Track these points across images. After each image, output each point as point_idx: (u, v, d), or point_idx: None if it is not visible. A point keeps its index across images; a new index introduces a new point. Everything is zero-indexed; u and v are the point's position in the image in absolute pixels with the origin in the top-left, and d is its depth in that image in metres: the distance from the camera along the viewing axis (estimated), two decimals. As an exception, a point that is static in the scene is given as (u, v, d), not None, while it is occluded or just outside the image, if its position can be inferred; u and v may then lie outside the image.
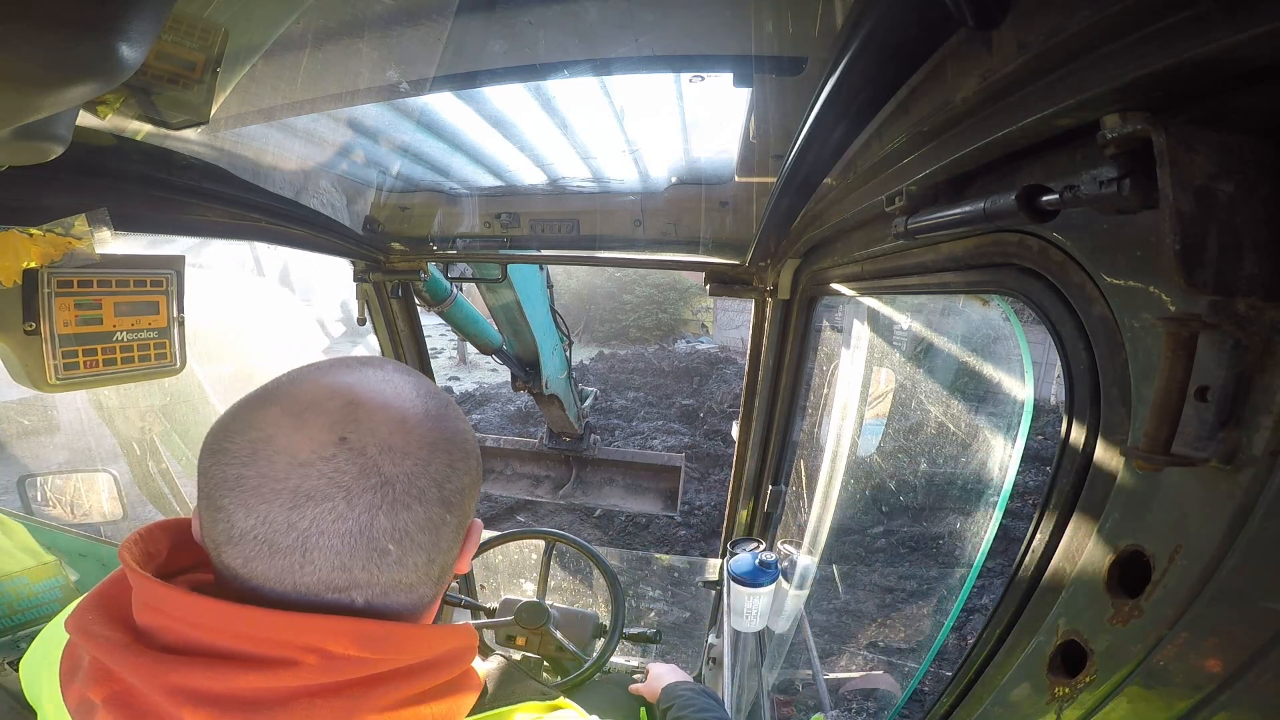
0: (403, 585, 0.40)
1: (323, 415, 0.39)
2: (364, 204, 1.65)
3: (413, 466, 0.40)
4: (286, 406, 0.40)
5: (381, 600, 0.40)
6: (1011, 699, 0.50)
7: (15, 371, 0.85)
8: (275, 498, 0.37)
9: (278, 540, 0.37)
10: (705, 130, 1.21)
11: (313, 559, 0.37)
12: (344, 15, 0.74)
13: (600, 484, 3.76)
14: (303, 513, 0.37)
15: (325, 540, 0.37)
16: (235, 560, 0.38)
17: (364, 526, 0.38)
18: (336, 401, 0.40)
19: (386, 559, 0.39)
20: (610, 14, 0.72)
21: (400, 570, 0.40)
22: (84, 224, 0.83)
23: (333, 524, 0.37)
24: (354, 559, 0.38)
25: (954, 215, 0.54)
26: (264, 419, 0.39)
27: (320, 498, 0.37)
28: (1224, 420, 0.31)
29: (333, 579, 0.38)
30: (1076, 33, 0.34)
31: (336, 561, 0.38)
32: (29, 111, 0.45)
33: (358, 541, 0.38)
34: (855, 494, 1.60)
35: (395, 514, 0.39)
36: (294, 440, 0.38)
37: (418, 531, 0.40)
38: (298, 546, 0.37)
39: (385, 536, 0.39)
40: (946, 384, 3.49)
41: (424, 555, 0.41)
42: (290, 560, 0.37)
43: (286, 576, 0.38)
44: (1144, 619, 0.36)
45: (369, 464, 0.38)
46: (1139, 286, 0.37)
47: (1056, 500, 0.48)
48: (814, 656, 1.62)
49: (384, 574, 0.39)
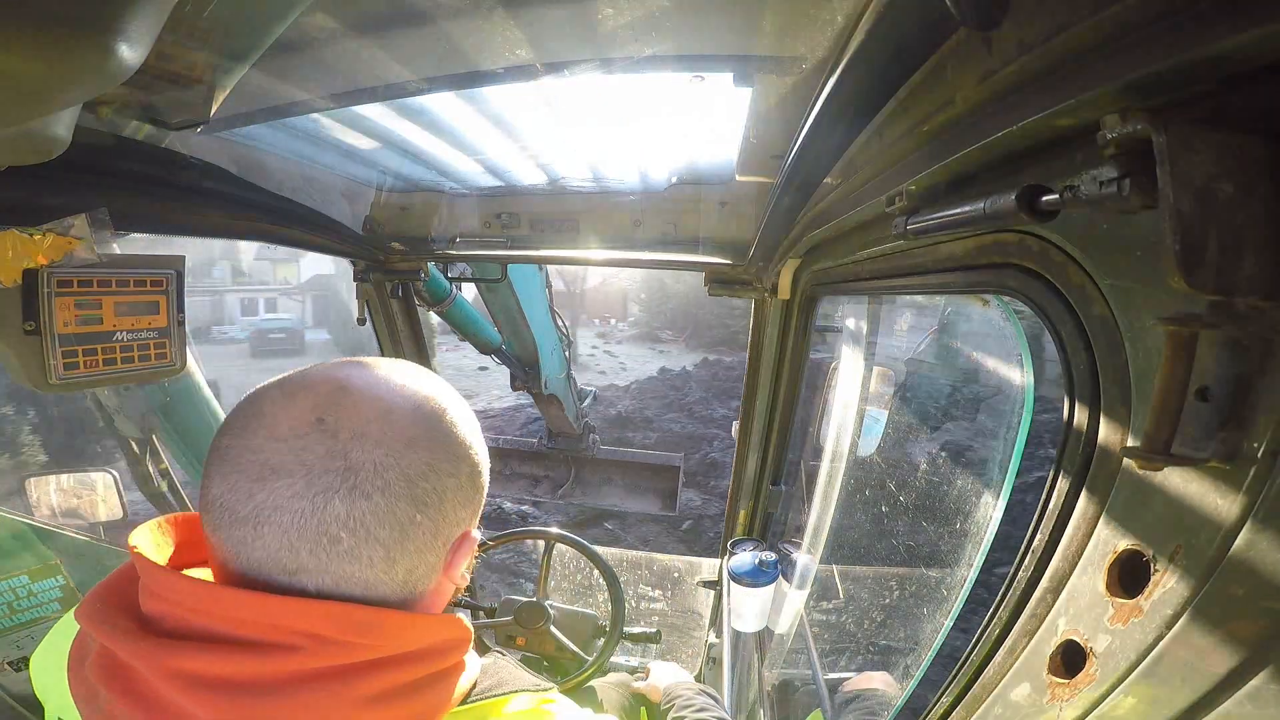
0: (357, 580, 0.40)
1: (310, 396, 0.40)
2: (364, 204, 1.65)
3: (383, 457, 0.39)
4: (285, 387, 0.41)
5: (333, 590, 0.39)
6: (1011, 699, 0.50)
7: (15, 371, 0.85)
8: (246, 468, 0.38)
9: (237, 509, 0.38)
10: (705, 130, 1.21)
11: (263, 533, 0.38)
12: (344, 15, 0.73)
13: (599, 484, 3.77)
14: (263, 484, 0.38)
15: (277, 516, 0.37)
16: (208, 527, 0.40)
17: (317, 508, 0.38)
18: (328, 386, 0.41)
19: (337, 546, 0.38)
20: (610, 14, 0.72)
21: (353, 563, 0.39)
22: (84, 224, 0.83)
23: (288, 500, 0.37)
24: (301, 539, 0.38)
25: (954, 215, 0.54)
26: (263, 396, 0.41)
27: (282, 473, 0.38)
28: (1224, 420, 0.31)
29: (281, 558, 0.38)
30: (1076, 33, 0.34)
31: (284, 539, 0.38)
32: (29, 111, 0.45)
33: (307, 522, 0.38)
34: (855, 493, 1.59)
35: (352, 501, 0.38)
36: (277, 416, 0.39)
37: (375, 524, 0.39)
38: (251, 518, 0.38)
39: (337, 523, 0.38)
40: (946, 384, 3.50)
41: (381, 550, 0.39)
42: (244, 532, 0.38)
43: (242, 549, 0.38)
44: (1144, 619, 0.36)
45: (337, 447, 0.38)
46: (1139, 286, 0.37)
47: (1056, 500, 0.48)
48: (814, 656, 1.62)
49: (333, 563, 0.39)
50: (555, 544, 1.91)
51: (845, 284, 1.13)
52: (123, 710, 0.37)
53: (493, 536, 2.02)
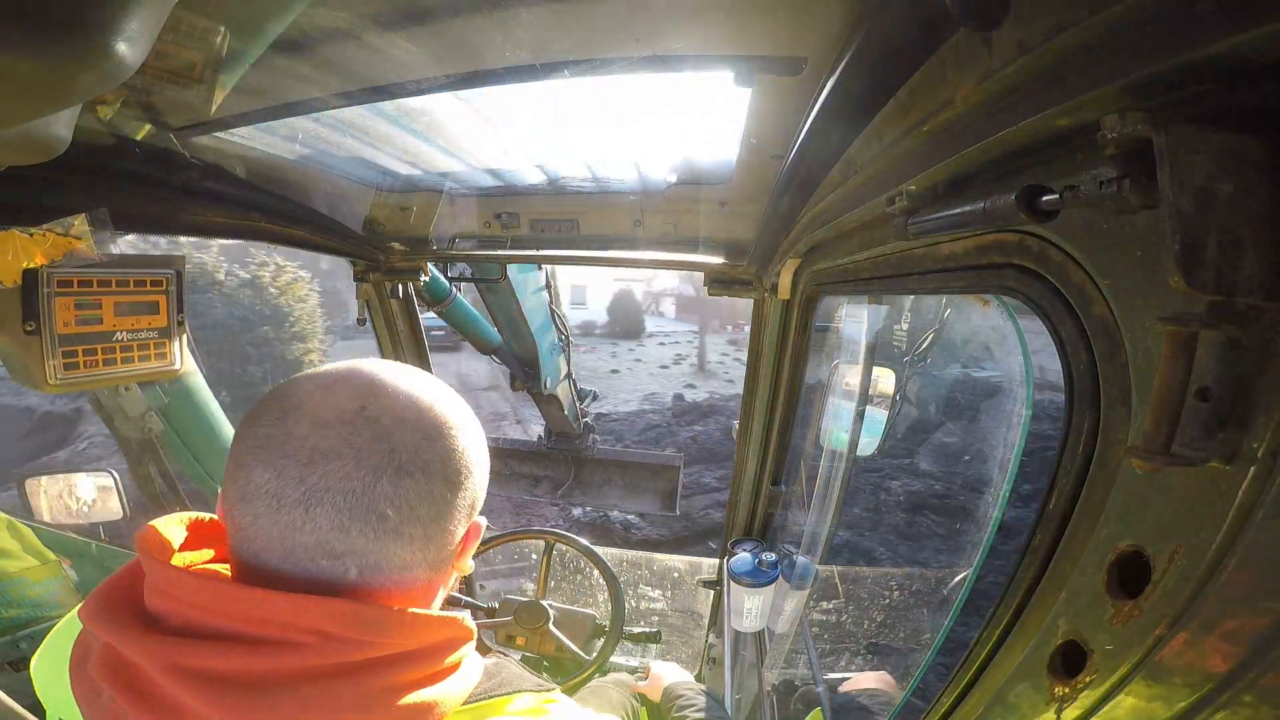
0: (397, 561, 0.42)
1: (348, 387, 0.43)
2: (364, 204, 1.65)
3: (420, 440, 0.42)
4: (317, 380, 0.44)
5: (374, 575, 0.41)
6: (1011, 699, 0.50)
7: (15, 371, 0.85)
8: (295, 453, 0.40)
9: (286, 494, 0.39)
10: (705, 130, 1.21)
11: (314, 515, 0.39)
12: (344, 15, 0.74)
13: (599, 484, 3.77)
14: (314, 468, 0.39)
15: (329, 497, 0.39)
16: (245, 518, 0.40)
17: (368, 486, 0.40)
18: (361, 379, 0.44)
19: (385, 524, 0.40)
20: (610, 14, 0.72)
21: (396, 542, 0.41)
22: (84, 224, 0.83)
23: (339, 481, 0.39)
24: (353, 519, 0.40)
25: (954, 215, 0.54)
26: (296, 389, 0.43)
27: (333, 455, 0.40)
28: (1224, 420, 0.31)
29: (330, 541, 0.39)
30: (1076, 33, 0.34)
31: (337, 520, 0.39)
32: (29, 111, 0.45)
33: (359, 501, 0.40)
34: (855, 493, 1.60)
35: (399, 480, 0.41)
36: (320, 405, 0.41)
37: (418, 502, 0.42)
38: (302, 501, 0.39)
39: (385, 501, 0.40)
40: (946, 384, 3.50)
41: (421, 529, 0.42)
42: (293, 516, 0.39)
43: (288, 535, 0.39)
44: (1144, 619, 0.36)
45: (382, 430, 0.41)
46: (1139, 286, 0.37)
47: (1056, 500, 0.48)
48: (814, 656, 1.62)
49: (379, 542, 0.41)
50: (555, 544, 1.91)
51: (845, 284, 1.12)
52: (126, 708, 0.37)
53: (493, 536, 2.02)
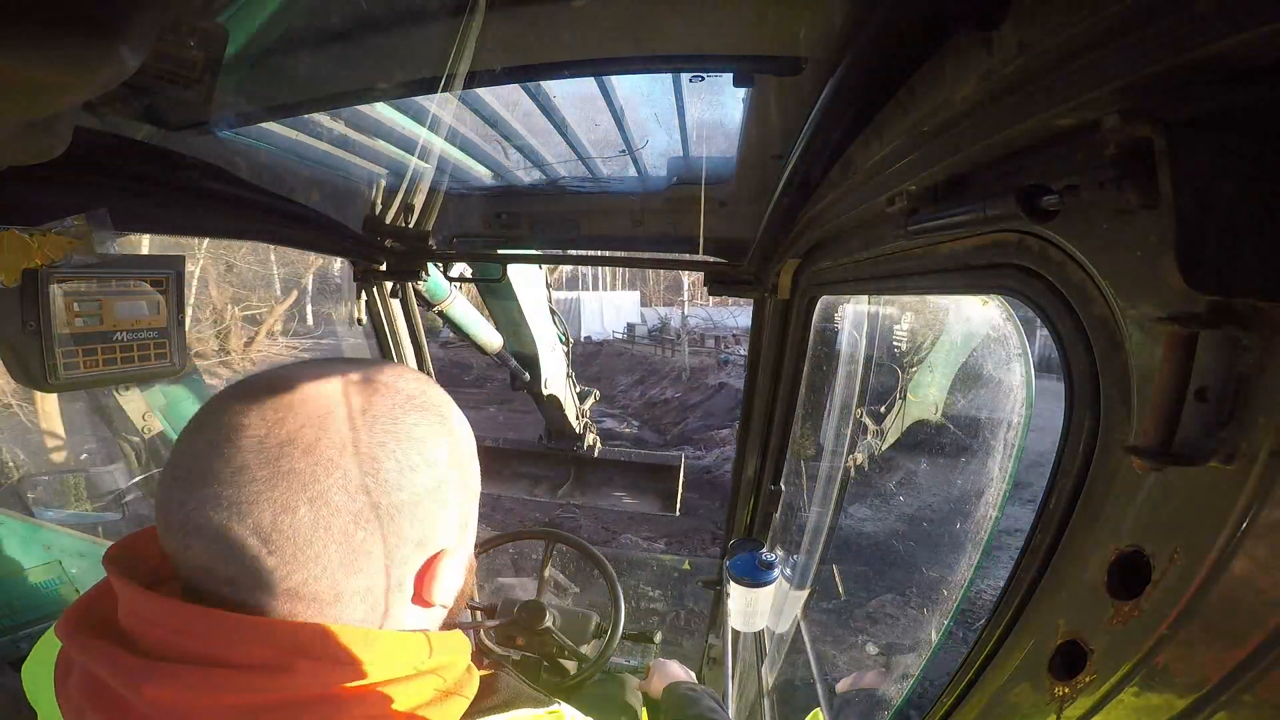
0: (298, 597, 0.37)
1: (246, 399, 0.38)
2: (364, 204, 1.65)
3: (312, 465, 0.36)
4: (235, 389, 0.40)
5: (276, 609, 0.37)
6: (1011, 699, 0.50)
7: (15, 371, 0.85)
8: (183, 475, 0.37)
9: (171, 518, 0.37)
10: (705, 130, 1.21)
11: (190, 543, 0.36)
12: (344, 15, 0.74)
13: (599, 484, 3.76)
14: (190, 492, 0.36)
15: (204, 525, 0.35)
16: (159, 535, 0.39)
17: (241, 516, 0.35)
18: (270, 388, 0.39)
19: (263, 561, 0.36)
20: (611, 14, 0.72)
21: (285, 579, 0.36)
22: (84, 224, 0.83)
23: (213, 508, 0.35)
24: (230, 550, 0.35)
25: (954, 215, 0.54)
26: (213, 403, 0.40)
27: (210, 479, 0.36)
28: (1224, 420, 0.31)
29: (214, 568, 0.36)
30: (1076, 33, 0.34)
31: (212, 550, 0.36)
32: (29, 111, 0.45)
33: (231, 533, 0.35)
34: (855, 493, 1.60)
35: (275, 513, 0.35)
36: (219, 422, 0.38)
37: (305, 540, 0.36)
38: (180, 527, 0.36)
39: (260, 535, 0.35)
40: (945, 384, 3.50)
41: (318, 568, 0.36)
42: (177, 541, 0.37)
43: (178, 558, 0.37)
44: (1144, 619, 0.36)
45: (266, 454, 0.36)
46: (1139, 286, 0.37)
47: (1056, 500, 0.48)
48: (814, 656, 1.62)
49: (263, 577, 0.36)
50: (555, 544, 1.91)
51: (845, 284, 1.12)
52: None
53: (492, 537, 2.02)
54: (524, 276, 2.47)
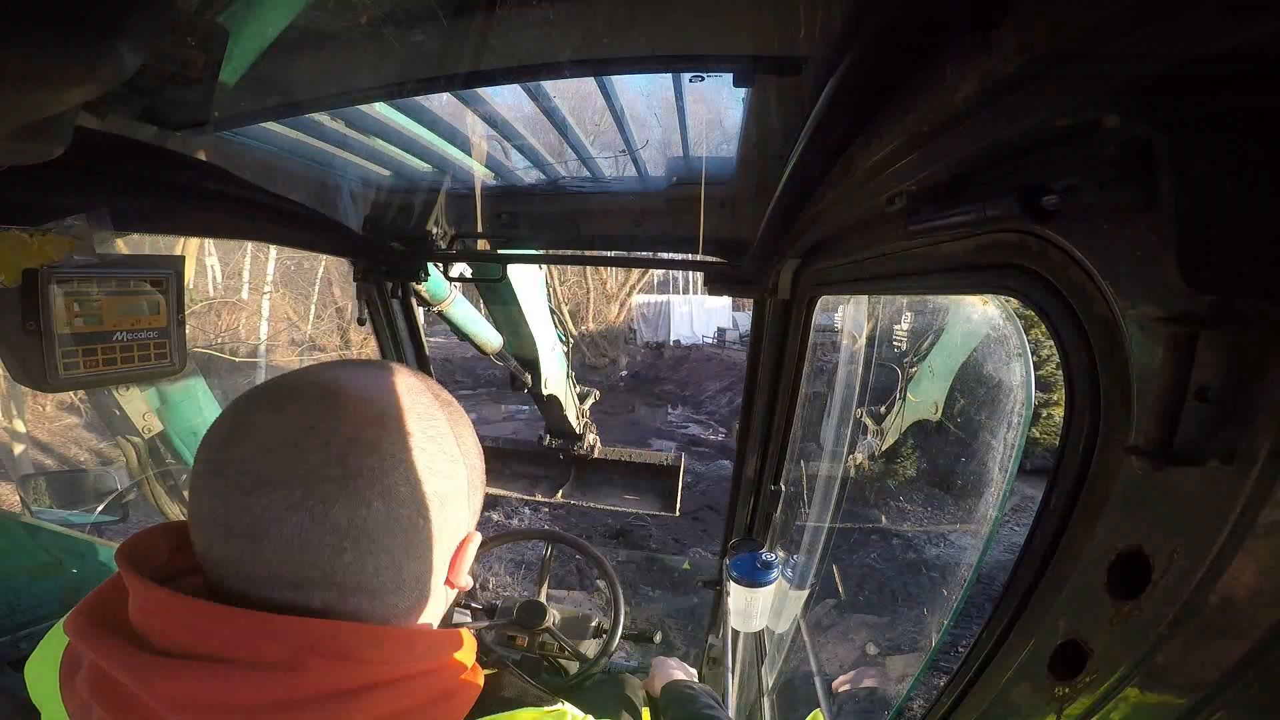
0: (363, 589, 0.38)
1: (298, 403, 0.39)
2: (364, 204, 1.65)
3: (379, 462, 0.38)
4: (270, 394, 0.40)
5: (339, 605, 0.38)
6: (1011, 699, 0.50)
7: (15, 371, 0.85)
8: (238, 480, 0.36)
9: (233, 524, 0.36)
10: (705, 130, 1.21)
11: (262, 547, 0.36)
12: (344, 15, 0.74)
13: (599, 484, 3.76)
14: (257, 497, 0.36)
15: (275, 529, 0.36)
16: (201, 544, 0.38)
17: (317, 518, 0.36)
18: (316, 392, 0.40)
19: (340, 558, 0.37)
20: (610, 14, 0.72)
21: (359, 572, 0.38)
22: (84, 224, 0.83)
23: (285, 512, 0.36)
24: (304, 552, 0.36)
25: (954, 215, 0.54)
26: (246, 404, 0.40)
27: (276, 483, 0.36)
28: (1224, 420, 0.31)
29: (283, 572, 0.37)
30: (1076, 33, 0.34)
31: (285, 553, 0.36)
32: (29, 111, 0.45)
33: (309, 534, 0.36)
34: (855, 493, 1.60)
35: (353, 509, 0.37)
36: (266, 425, 0.38)
37: (379, 532, 0.38)
38: (248, 533, 0.36)
39: (339, 533, 0.37)
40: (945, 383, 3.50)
41: (387, 558, 0.38)
42: (242, 547, 0.36)
43: (241, 565, 0.37)
44: (1143, 619, 0.36)
45: (333, 454, 0.37)
46: (1139, 286, 0.37)
47: (1056, 500, 0.48)
48: (814, 656, 1.62)
49: (338, 574, 0.37)
50: (556, 544, 1.91)
51: (845, 284, 1.12)
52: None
53: (493, 536, 2.02)
54: (524, 277, 2.47)
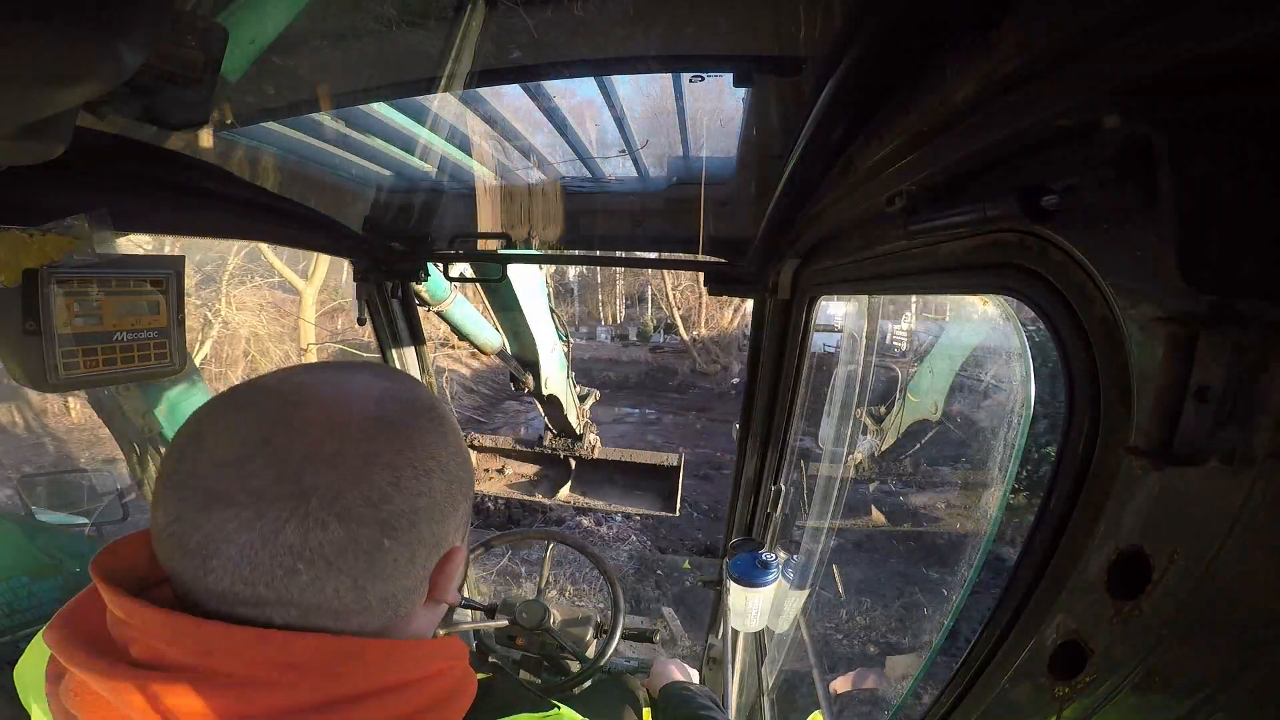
0: (325, 610, 0.37)
1: (255, 414, 0.37)
2: (364, 204, 1.65)
3: (338, 479, 0.36)
4: (231, 402, 0.39)
5: (302, 623, 0.36)
6: (1011, 699, 0.50)
7: (15, 371, 0.85)
8: (191, 495, 0.35)
9: (185, 540, 0.35)
10: (705, 130, 1.21)
11: (212, 567, 0.35)
12: (344, 15, 0.74)
13: (599, 484, 3.76)
14: (208, 515, 0.35)
15: (225, 549, 0.35)
16: (161, 555, 0.37)
17: (267, 539, 0.34)
18: (276, 402, 0.38)
19: (294, 579, 0.35)
20: (610, 14, 0.72)
21: (316, 594, 0.36)
22: (84, 224, 0.83)
23: (235, 532, 0.34)
24: (255, 573, 0.35)
25: (954, 215, 0.54)
26: (209, 413, 0.38)
27: (227, 501, 0.35)
28: (1224, 420, 0.31)
29: (237, 590, 0.35)
30: (1076, 32, 0.34)
31: (236, 573, 0.35)
32: (29, 111, 0.45)
33: (259, 555, 0.35)
34: (856, 493, 1.60)
35: (306, 531, 0.35)
36: (221, 438, 0.37)
37: (335, 554, 0.36)
38: (199, 550, 0.35)
39: (293, 554, 0.35)
40: (945, 384, 3.50)
41: (348, 580, 0.36)
42: (195, 564, 0.35)
43: (194, 581, 0.36)
44: (1143, 619, 0.36)
45: (287, 472, 0.35)
46: (1139, 286, 0.37)
47: (1056, 500, 0.48)
48: (814, 656, 1.62)
49: (294, 595, 0.36)
50: (555, 544, 1.91)
51: (845, 284, 1.12)
52: None
53: (493, 536, 2.02)
54: (524, 277, 2.47)
